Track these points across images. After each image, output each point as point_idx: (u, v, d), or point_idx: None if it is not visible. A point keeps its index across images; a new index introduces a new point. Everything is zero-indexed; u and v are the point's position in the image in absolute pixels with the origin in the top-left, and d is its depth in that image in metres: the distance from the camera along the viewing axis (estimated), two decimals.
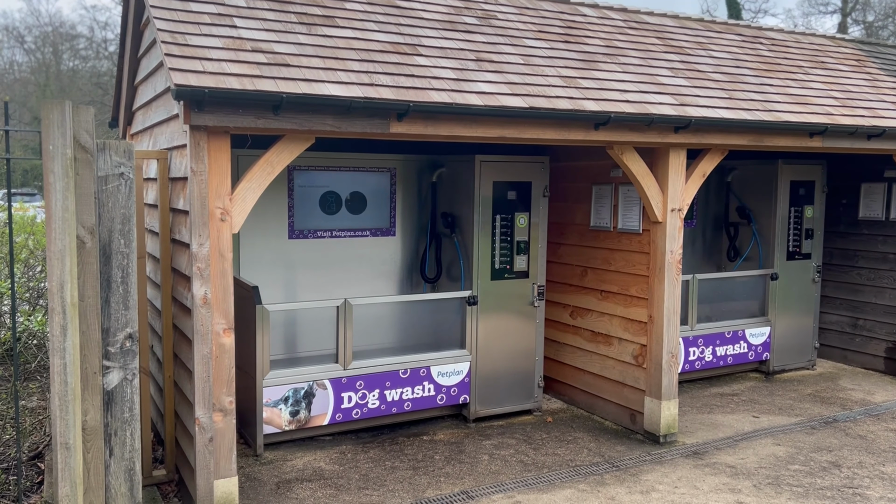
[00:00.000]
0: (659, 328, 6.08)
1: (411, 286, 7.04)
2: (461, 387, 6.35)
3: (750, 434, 6.32)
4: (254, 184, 4.50)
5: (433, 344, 6.38)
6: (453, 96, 4.83)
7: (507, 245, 6.45)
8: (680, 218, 6.03)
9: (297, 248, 6.48)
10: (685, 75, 6.40)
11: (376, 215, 6.80)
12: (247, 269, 6.28)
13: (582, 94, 5.46)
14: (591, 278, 6.81)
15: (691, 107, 5.84)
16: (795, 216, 8.03)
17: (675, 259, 6.04)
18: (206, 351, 4.37)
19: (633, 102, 5.59)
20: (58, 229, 3.51)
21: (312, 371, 5.79)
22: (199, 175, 4.28)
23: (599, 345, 6.73)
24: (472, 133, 4.95)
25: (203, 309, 4.35)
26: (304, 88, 4.37)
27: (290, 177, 6.38)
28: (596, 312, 6.75)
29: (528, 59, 5.73)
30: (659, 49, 6.78)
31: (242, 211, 4.48)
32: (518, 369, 6.60)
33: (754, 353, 7.93)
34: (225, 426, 4.47)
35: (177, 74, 4.11)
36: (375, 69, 4.86)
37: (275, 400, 5.65)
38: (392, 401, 6.08)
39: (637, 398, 6.32)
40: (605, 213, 6.61)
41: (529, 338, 6.62)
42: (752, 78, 6.84)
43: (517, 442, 6.07)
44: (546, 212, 6.59)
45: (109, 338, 3.97)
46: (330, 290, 6.65)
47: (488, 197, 6.32)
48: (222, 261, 4.41)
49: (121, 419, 4.01)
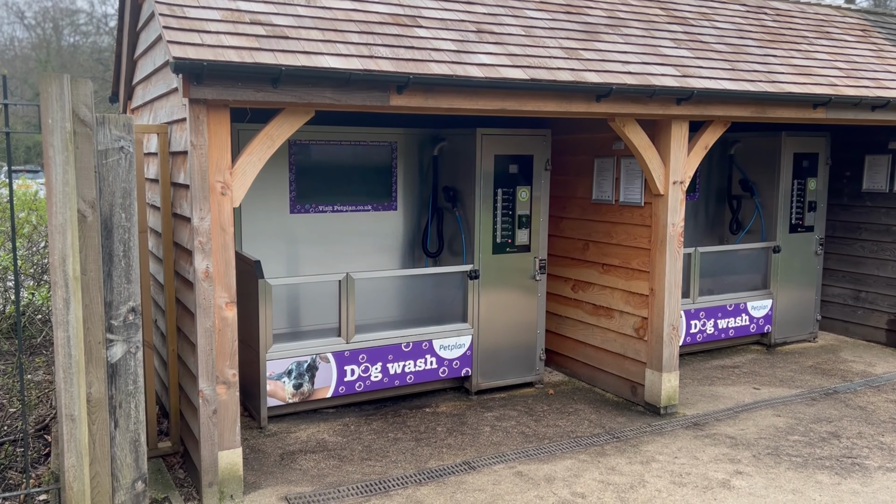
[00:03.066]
0: (660, 301, 6.10)
1: (413, 260, 7.05)
2: (463, 360, 6.39)
3: (750, 405, 6.36)
4: (254, 157, 4.49)
5: (435, 318, 6.41)
6: (454, 68, 4.80)
7: (508, 219, 6.44)
8: (682, 190, 6.02)
9: (298, 222, 6.49)
10: (688, 46, 6.34)
11: (377, 190, 6.80)
12: (249, 244, 6.29)
13: (584, 65, 5.42)
14: (593, 252, 6.81)
15: (694, 78, 5.80)
16: (798, 189, 8.01)
17: (677, 232, 6.03)
18: (208, 324, 4.40)
19: (636, 74, 5.55)
20: (58, 203, 3.51)
21: (315, 344, 5.82)
22: (199, 149, 4.28)
23: (601, 318, 6.75)
24: (472, 105, 4.93)
25: (205, 283, 4.37)
26: (302, 61, 4.35)
27: (291, 151, 6.37)
28: (597, 286, 6.77)
29: (529, 31, 5.69)
30: (662, 20, 6.72)
31: (243, 185, 4.48)
32: (520, 342, 6.63)
33: (756, 325, 7.95)
34: (228, 398, 4.51)
35: (175, 47, 4.09)
36: (375, 41, 4.83)
37: (278, 373, 5.69)
38: (395, 374, 6.12)
39: (638, 370, 6.35)
40: (607, 186, 6.60)
41: (531, 311, 6.64)
42: (756, 49, 6.77)
43: (518, 414, 6.12)
44: (548, 185, 6.57)
45: (112, 311, 3.99)
46: (332, 264, 6.67)
47: (490, 170, 6.31)
48: (223, 235, 4.42)
49: (125, 391, 4.05)
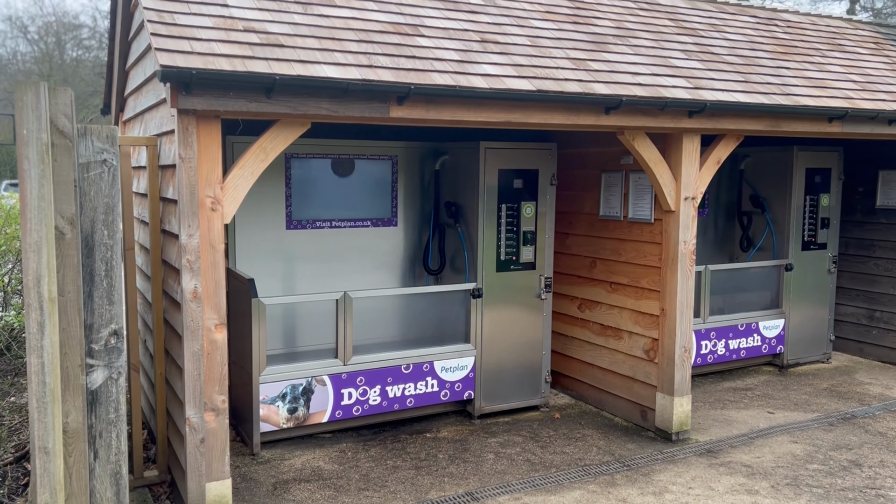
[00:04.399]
0: (672, 321, 5.84)
1: (414, 278, 6.81)
2: (465, 382, 6.13)
3: (765, 431, 6.09)
4: (246, 171, 4.26)
5: (436, 338, 6.16)
6: (457, 79, 4.58)
7: (513, 235, 6.21)
8: (694, 207, 5.78)
9: (295, 238, 6.25)
10: (699, 58, 6.13)
11: (377, 205, 6.56)
12: (243, 261, 6.05)
13: (592, 76, 5.20)
14: (601, 270, 6.56)
15: (706, 90, 5.58)
16: (811, 205, 7.77)
17: (689, 250, 5.79)
18: (196, 348, 4.15)
19: (646, 86, 5.33)
20: (33, 219, 3.27)
21: (311, 367, 5.57)
22: (188, 162, 4.05)
23: (609, 338, 6.49)
24: (476, 118, 4.70)
25: (193, 304, 4.12)
26: (298, 70, 4.13)
27: (288, 164, 6.14)
28: (605, 305, 6.51)
29: (535, 41, 5.47)
30: (671, 31, 6.51)
31: (234, 200, 4.25)
32: (524, 364, 6.38)
33: (768, 346, 7.69)
34: (217, 426, 4.25)
35: (163, 55, 3.87)
36: (374, 50, 4.61)
37: (272, 397, 5.43)
38: (394, 397, 5.86)
39: (648, 394, 6.09)
40: (615, 201, 6.36)
41: (536, 331, 6.39)
42: (769, 61, 6.56)
43: (524, 440, 5.85)
44: (553, 201, 6.34)
45: (93, 334, 3.74)
46: (329, 282, 6.43)
47: (494, 185, 6.08)
48: (213, 252, 4.18)
49: (106, 420, 3.80)
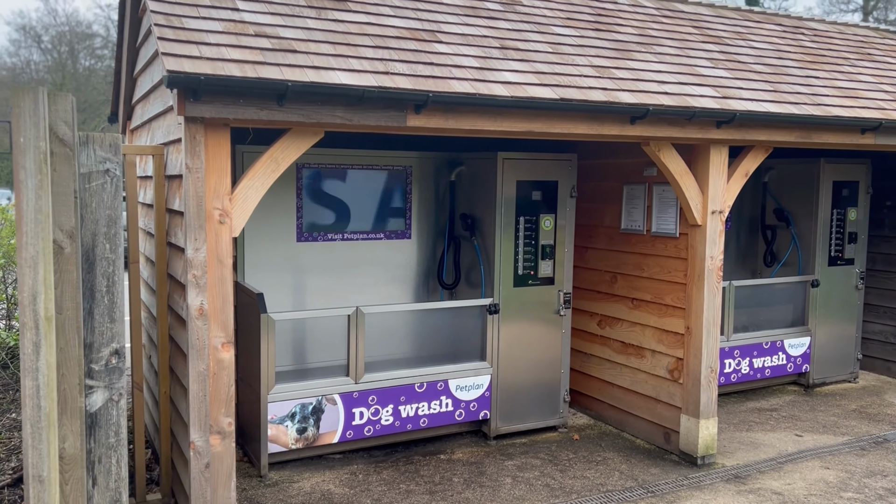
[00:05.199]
0: (697, 340, 5.60)
1: (428, 292, 6.59)
2: (481, 401, 5.90)
3: (794, 455, 5.82)
4: (256, 182, 4.06)
5: (451, 355, 5.93)
6: (476, 86, 4.38)
7: (531, 249, 5.98)
8: (721, 221, 5.55)
9: (306, 251, 6.05)
10: (726, 66, 5.91)
11: (391, 217, 6.36)
12: (252, 274, 5.85)
13: (616, 84, 4.99)
14: (622, 285, 6.33)
15: (735, 100, 5.35)
16: (838, 219, 7.51)
17: (716, 266, 5.55)
18: (202, 367, 3.94)
19: (672, 94, 5.12)
20: (29, 233, 3.08)
21: (321, 385, 5.35)
22: (196, 172, 3.85)
23: (630, 357, 6.25)
24: (496, 127, 4.49)
25: (199, 321, 3.91)
26: (311, 76, 3.93)
27: (299, 175, 5.95)
28: (627, 322, 6.27)
29: (556, 48, 5.27)
30: (696, 39, 6.29)
31: (243, 212, 4.05)
32: (542, 383, 6.14)
33: (793, 364, 7.42)
34: (223, 450, 4.04)
35: (170, 60, 3.68)
36: (391, 56, 4.42)
37: (280, 416, 5.22)
38: (407, 417, 5.63)
39: (672, 416, 5.84)
40: (638, 214, 6.13)
41: (555, 349, 6.15)
42: (797, 70, 6.33)
43: (542, 462, 5.61)
44: (573, 213, 6.11)
45: (93, 354, 3.55)
46: (341, 296, 6.22)
47: (511, 197, 5.86)
48: (221, 267, 3.97)
49: (105, 445, 3.59)
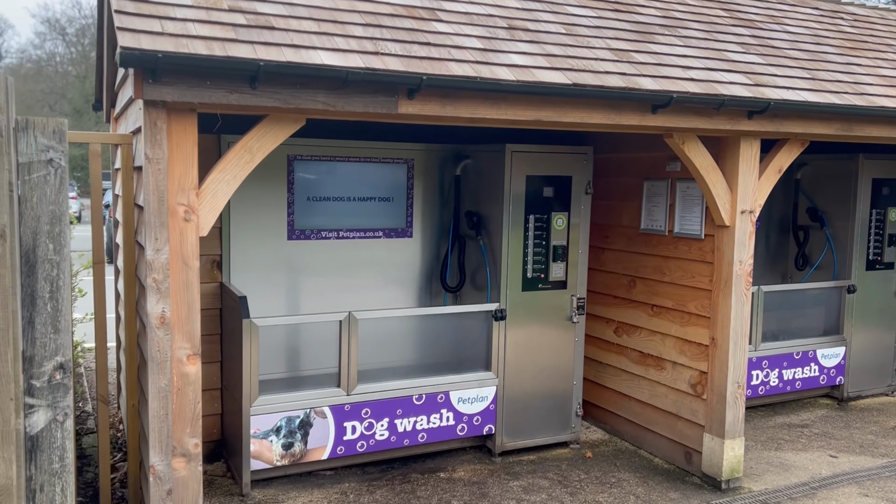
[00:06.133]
0: (723, 353, 5.09)
1: (430, 296, 6.13)
2: (485, 415, 5.43)
3: (829, 480, 5.30)
4: (228, 175, 3.62)
5: (453, 364, 5.47)
6: (478, 69, 3.90)
7: (541, 250, 5.50)
8: (751, 221, 5.03)
9: (297, 250, 5.61)
10: (758, 52, 5.38)
11: (390, 213, 5.89)
12: (238, 275, 5.42)
13: (637, 69, 4.49)
14: (641, 290, 5.82)
15: (768, 87, 4.83)
16: (877, 219, 6.94)
17: (745, 271, 5.04)
18: (163, 382, 3.51)
19: (699, 81, 4.60)
20: None
21: (310, 396, 4.92)
22: (157, 163, 3.42)
23: (649, 368, 5.75)
24: (500, 115, 4.02)
25: (160, 331, 3.48)
26: (289, 56, 3.48)
27: (290, 167, 5.51)
28: (645, 330, 5.77)
29: (570, 29, 4.77)
30: (725, 21, 5.76)
31: (213, 208, 3.61)
32: (552, 395, 5.66)
33: (826, 376, 6.87)
34: (188, 474, 3.61)
35: (126, 36, 3.25)
36: (383, 35, 3.95)
37: (264, 431, 4.79)
38: (404, 431, 5.18)
39: (694, 434, 5.34)
40: (659, 213, 5.62)
41: (566, 358, 5.67)
42: (837, 57, 5.78)
43: (550, 484, 5.13)
44: (588, 211, 5.62)
45: (34, 369, 3.12)
46: (336, 298, 5.77)
47: (520, 193, 5.38)
48: (186, 270, 3.54)
49: (48, 471, 3.17)
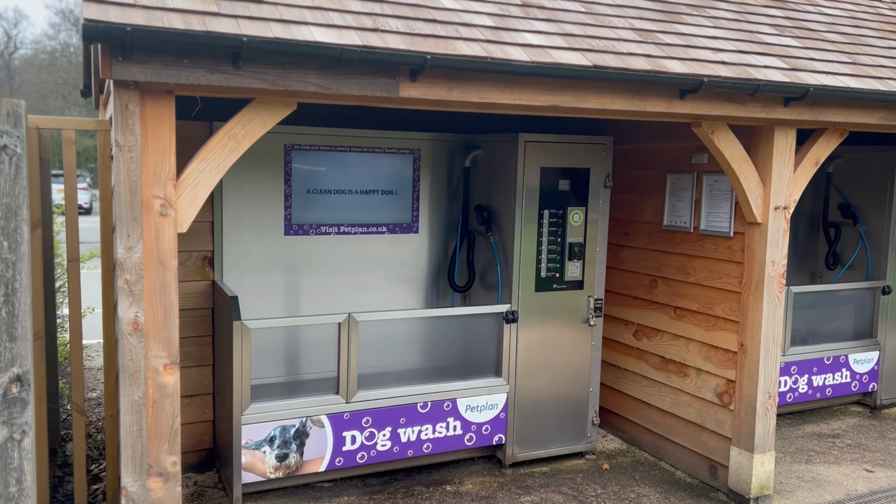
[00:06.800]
0: (753, 360, 4.70)
1: (437, 295, 5.76)
2: (495, 424, 5.07)
3: (866, 497, 4.90)
4: (210, 165, 3.26)
5: (461, 370, 5.11)
6: (489, 49, 3.52)
7: (556, 247, 5.12)
8: (786, 218, 4.63)
9: (295, 246, 5.26)
10: (793, 34, 4.96)
11: (395, 207, 5.53)
12: (232, 272, 5.07)
13: (663, 51, 4.09)
14: (663, 291, 5.43)
15: (806, 72, 4.42)
16: None
17: (778, 272, 4.64)
18: (136, 395, 3.16)
19: (731, 65, 4.20)
20: None
21: (306, 404, 4.57)
22: (128, 151, 3.07)
23: (671, 375, 5.36)
24: (512, 100, 3.64)
25: (132, 338, 3.14)
26: (277, 32, 3.11)
27: (288, 158, 5.15)
28: (668, 334, 5.38)
29: (590, 7, 4.38)
30: (757, 2, 5.34)
31: (193, 202, 3.25)
32: (567, 402, 5.29)
33: (858, 383, 6.46)
34: (166, 495, 3.27)
35: (92, 7, 2.89)
36: (384, 11, 3.58)
37: (256, 441, 4.45)
38: (407, 441, 4.83)
39: (720, 447, 4.95)
40: (684, 209, 5.23)
41: (582, 364, 5.30)
42: (877, 41, 5.35)
43: (564, 499, 4.77)
44: (607, 206, 5.23)
45: None
46: (336, 298, 5.42)
47: (535, 186, 5.00)
48: (163, 271, 3.19)
49: (4, 496, 2.84)
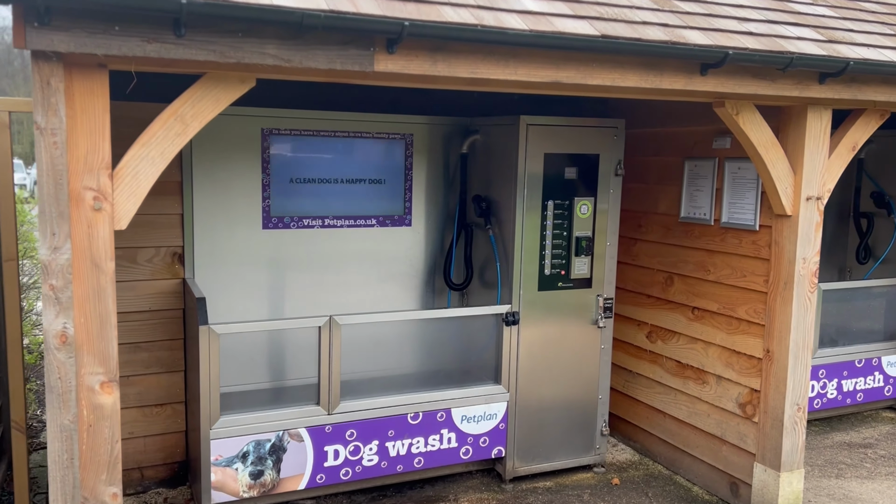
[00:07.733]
0: (781, 368, 4.21)
1: (432, 293, 5.30)
2: (494, 436, 4.62)
3: None
4: (153, 151, 2.81)
5: (456, 376, 4.66)
6: (480, 15, 3.04)
7: (562, 242, 4.65)
8: (819, 210, 4.12)
9: (275, 240, 4.80)
10: (828, 3, 4.44)
11: (385, 198, 5.05)
12: (204, 269, 4.63)
13: (681, 20, 3.59)
14: (679, 289, 4.95)
15: (844, 45, 3.90)
16: None
17: (810, 270, 4.14)
18: (66, 419, 2.72)
19: (759, 36, 3.69)
20: None
21: (283, 416, 4.13)
22: (52, 135, 2.61)
23: (688, 381, 4.89)
24: (508, 75, 3.15)
25: (60, 352, 2.69)
26: None
27: (265, 143, 4.69)
28: (684, 336, 4.90)
29: None
30: None
31: (135, 193, 2.80)
32: (574, 411, 4.83)
33: (892, 387, 5.96)
34: None
35: None
36: None
37: (228, 457, 4.02)
38: (397, 455, 4.39)
39: (742, 462, 4.48)
40: (703, 199, 4.73)
41: (590, 369, 4.83)
42: None
43: None
44: (618, 196, 4.75)
45: None
46: (321, 297, 4.97)
47: (538, 175, 4.52)
48: (98, 274, 2.74)
49: None
